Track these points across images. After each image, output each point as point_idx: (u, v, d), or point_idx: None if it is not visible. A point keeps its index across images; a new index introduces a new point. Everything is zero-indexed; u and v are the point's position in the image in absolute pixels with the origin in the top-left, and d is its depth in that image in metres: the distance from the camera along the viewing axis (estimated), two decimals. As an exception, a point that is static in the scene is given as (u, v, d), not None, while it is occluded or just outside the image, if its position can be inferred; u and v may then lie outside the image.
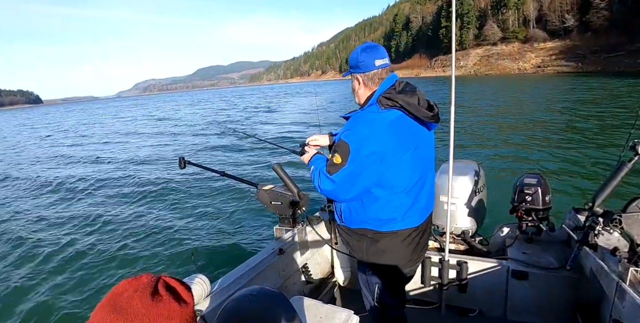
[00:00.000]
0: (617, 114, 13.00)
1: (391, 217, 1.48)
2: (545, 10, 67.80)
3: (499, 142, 10.25)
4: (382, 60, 1.44)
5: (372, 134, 1.36)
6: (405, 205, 1.48)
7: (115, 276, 4.47)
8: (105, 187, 8.85)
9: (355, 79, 1.50)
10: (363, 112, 1.44)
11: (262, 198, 2.30)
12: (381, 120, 1.39)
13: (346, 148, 1.37)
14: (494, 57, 71.46)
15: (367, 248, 1.55)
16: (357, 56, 1.45)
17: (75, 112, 65.33)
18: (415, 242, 1.56)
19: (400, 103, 1.38)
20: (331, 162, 1.43)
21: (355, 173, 1.37)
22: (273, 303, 0.85)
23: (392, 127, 1.38)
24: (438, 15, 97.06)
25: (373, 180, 1.41)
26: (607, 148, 8.26)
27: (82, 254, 5.12)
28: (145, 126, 25.23)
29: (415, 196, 1.51)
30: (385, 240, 1.52)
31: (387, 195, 1.45)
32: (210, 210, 6.45)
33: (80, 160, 13.28)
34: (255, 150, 12.10)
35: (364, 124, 1.39)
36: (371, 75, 1.45)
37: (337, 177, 1.40)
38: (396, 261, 1.56)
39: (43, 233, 6.07)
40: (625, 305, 1.46)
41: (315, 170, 1.52)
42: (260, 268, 2.04)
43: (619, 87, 24.12)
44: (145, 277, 0.58)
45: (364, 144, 1.35)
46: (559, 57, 59.64)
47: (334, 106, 25.39)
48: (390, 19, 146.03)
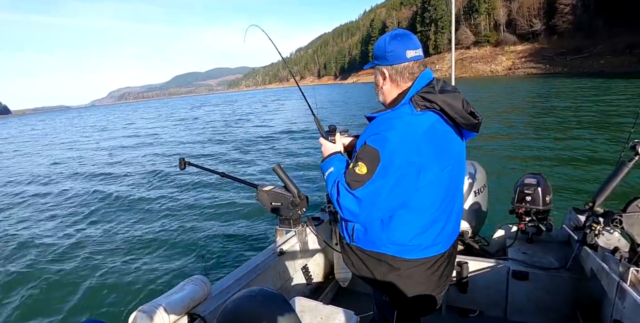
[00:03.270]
0: (616, 114, 13.36)
1: (417, 243, 1.23)
2: (514, 15, 70.73)
3: (500, 142, 10.40)
4: (414, 51, 1.19)
5: (407, 140, 1.10)
6: (435, 230, 1.24)
7: (115, 276, 4.45)
8: (105, 188, 8.85)
9: (380, 73, 1.24)
10: (395, 113, 1.17)
11: (262, 200, 2.28)
12: (418, 124, 1.13)
13: (375, 155, 1.09)
14: (467, 60, 73.68)
15: (385, 272, 1.29)
16: (385, 45, 1.19)
17: (61, 121, 63.14)
18: (442, 270, 1.32)
19: (440, 105, 1.14)
20: (353, 172, 1.13)
21: (385, 189, 1.09)
22: (273, 304, 0.85)
23: (430, 134, 1.14)
24: (413, 21, 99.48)
25: (405, 199, 1.14)
26: (608, 148, 8.45)
27: (80, 254, 5.13)
28: (140, 129, 24.95)
29: (447, 218, 1.27)
30: (409, 268, 1.26)
31: (416, 216, 1.20)
32: (210, 212, 6.45)
33: (76, 164, 13.15)
34: (256, 151, 12.19)
35: (398, 128, 1.12)
36: (400, 68, 1.20)
37: (361, 193, 1.10)
38: (421, 290, 1.31)
39: (44, 234, 6.08)
40: (626, 305, 1.45)
41: (333, 176, 1.22)
42: (261, 269, 2.00)
43: (593, 86, 25.24)
44: None
45: (398, 151, 1.08)
46: (529, 60, 62.28)
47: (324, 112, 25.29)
48: (367, 24, 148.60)
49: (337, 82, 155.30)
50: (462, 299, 2.26)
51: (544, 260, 2.12)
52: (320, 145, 1.41)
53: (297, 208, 2.22)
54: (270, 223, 5.47)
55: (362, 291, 2.57)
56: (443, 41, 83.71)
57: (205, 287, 1.59)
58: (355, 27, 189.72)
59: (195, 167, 2.09)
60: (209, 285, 1.61)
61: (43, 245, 5.59)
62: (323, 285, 2.61)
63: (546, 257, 2.14)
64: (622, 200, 1.62)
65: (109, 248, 5.27)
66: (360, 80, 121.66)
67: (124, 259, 4.89)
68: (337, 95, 47.34)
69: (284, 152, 11.46)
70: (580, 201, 2.99)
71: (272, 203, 2.25)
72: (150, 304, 1.38)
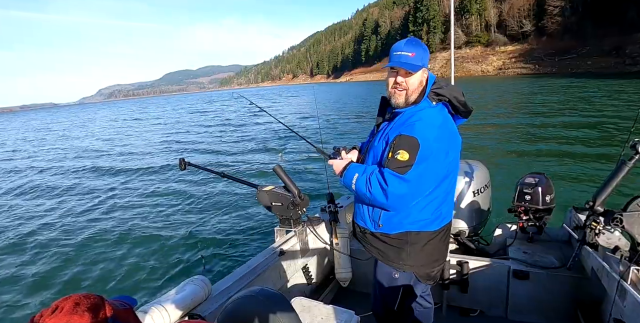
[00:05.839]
0: (616, 114, 13.48)
1: (437, 214, 1.45)
2: (504, 16, 71.54)
3: (503, 141, 10.47)
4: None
5: (435, 128, 1.32)
6: (449, 200, 1.49)
7: (115, 276, 4.42)
8: (104, 189, 8.74)
9: (425, 74, 1.43)
10: (419, 107, 1.40)
11: (262, 200, 2.27)
12: (438, 114, 1.38)
13: (414, 143, 1.28)
14: (459, 60, 74.29)
15: (410, 250, 1.47)
16: (425, 51, 1.40)
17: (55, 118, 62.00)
18: (448, 235, 1.57)
19: (448, 97, 1.40)
20: (394, 160, 1.29)
21: (429, 170, 1.30)
22: (273, 304, 0.85)
23: (447, 122, 1.40)
24: (406, 20, 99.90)
25: (442, 177, 1.37)
26: (608, 147, 8.53)
27: (80, 254, 5.10)
28: (138, 128, 24.72)
29: (453, 188, 1.52)
30: (430, 239, 1.47)
31: (440, 191, 1.42)
32: (210, 212, 6.40)
33: (73, 164, 12.91)
34: (256, 151, 12.12)
35: (426, 118, 1.34)
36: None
37: (411, 176, 1.27)
38: (436, 257, 1.52)
39: (46, 234, 6.01)
40: (627, 304, 1.46)
41: (363, 177, 1.37)
42: (261, 269, 2.00)
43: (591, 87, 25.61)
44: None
45: (432, 138, 1.29)
46: (519, 60, 63.15)
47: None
48: (359, 23, 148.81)
49: (329, 81, 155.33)
50: (462, 299, 2.27)
51: (545, 260, 2.13)
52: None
53: (297, 208, 2.21)
54: (270, 224, 5.46)
55: (362, 291, 2.57)
56: (435, 41, 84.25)
57: (206, 287, 1.59)
58: (348, 26, 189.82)
59: (195, 167, 2.07)
60: (209, 286, 1.62)
61: (43, 245, 5.52)
62: (323, 285, 2.61)
63: (547, 256, 2.15)
64: (622, 199, 1.63)
65: (109, 248, 5.23)
66: (353, 79, 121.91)
67: (124, 259, 4.85)
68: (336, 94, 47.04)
69: (284, 152, 11.42)
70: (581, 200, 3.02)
71: (272, 203, 2.24)
72: (150, 304, 1.38)
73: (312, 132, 14.21)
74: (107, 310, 0.61)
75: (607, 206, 1.75)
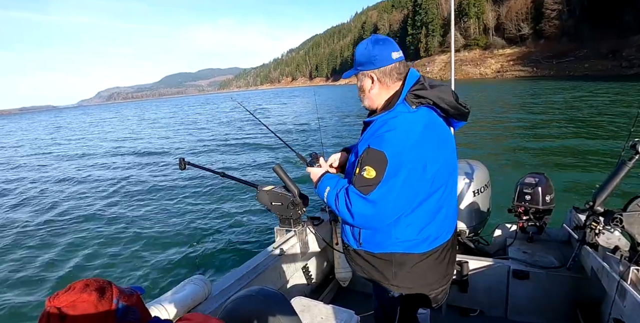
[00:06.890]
0: (616, 114, 13.57)
1: (425, 236, 1.26)
2: (503, 20, 71.98)
3: (504, 142, 10.49)
4: (397, 53, 1.24)
5: (410, 138, 1.13)
6: (439, 219, 1.28)
7: (115, 276, 4.42)
8: (104, 189, 8.75)
9: (368, 78, 1.26)
10: (392, 113, 1.20)
11: (262, 199, 2.26)
12: (416, 121, 1.17)
13: (381, 157, 1.11)
14: (457, 63, 73.69)
15: (396, 271, 1.30)
16: (369, 50, 1.22)
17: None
18: (448, 257, 1.36)
19: (432, 99, 1.19)
20: (361, 177, 1.13)
21: (397, 188, 1.11)
22: (273, 304, 0.85)
23: (429, 129, 1.19)
24: (404, 24, 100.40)
25: (416, 195, 1.18)
26: (608, 147, 8.55)
27: (79, 254, 5.10)
28: (140, 128, 24.82)
29: (448, 205, 1.30)
30: (419, 262, 1.29)
31: (424, 210, 1.23)
32: (210, 212, 6.41)
33: (75, 164, 13.01)
34: (256, 151, 12.15)
35: (399, 127, 1.14)
36: (388, 70, 1.23)
37: (375, 196, 1.11)
38: (430, 281, 1.34)
39: (46, 234, 6.01)
40: (627, 304, 1.46)
41: (333, 192, 1.24)
42: (261, 269, 1.99)
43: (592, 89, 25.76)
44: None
45: (404, 150, 1.11)
46: (517, 63, 63.42)
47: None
48: (358, 26, 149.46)
49: (328, 84, 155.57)
50: (462, 298, 2.26)
51: (545, 260, 2.13)
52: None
53: (297, 208, 2.20)
54: (270, 223, 5.47)
55: (362, 291, 2.56)
56: (434, 44, 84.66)
57: (206, 286, 1.59)
58: (347, 29, 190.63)
59: (195, 167, 2.06)
60: (209, 285, 1.61)
61: (43, 245, 5.55)
62: (323, 285, 2.61)
63: (546, 256, 2.15)
64: (622, 199, 1.63)
65: (109, 248, 5.23)
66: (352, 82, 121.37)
67: (124, 259, 4.85)
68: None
69: (284, 152, 11.43)
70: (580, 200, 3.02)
71: (272, 203, 2.23)
72: (150, 304, 1.38)
73: (312, 133, 14.29)
74: (114, 292, 0.69)
75: (607, 206, 1.75)
